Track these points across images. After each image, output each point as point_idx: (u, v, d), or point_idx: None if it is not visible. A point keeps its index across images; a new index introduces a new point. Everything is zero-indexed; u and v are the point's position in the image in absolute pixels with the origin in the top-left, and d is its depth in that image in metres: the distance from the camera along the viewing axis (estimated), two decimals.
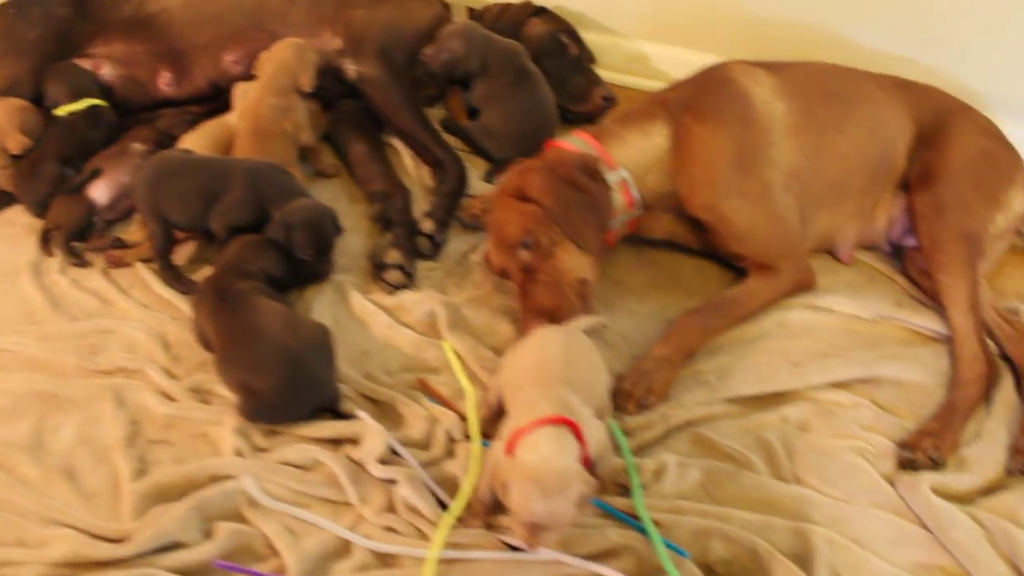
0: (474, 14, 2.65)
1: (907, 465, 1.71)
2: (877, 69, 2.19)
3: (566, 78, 2.50)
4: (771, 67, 2.11)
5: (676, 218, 2.09)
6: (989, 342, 1.89)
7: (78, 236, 2.08)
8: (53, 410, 1.75)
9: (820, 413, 1.81)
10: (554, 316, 1.80)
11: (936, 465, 1.70)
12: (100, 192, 2.12)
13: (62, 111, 2.25)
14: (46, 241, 2.09)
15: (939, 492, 1.65)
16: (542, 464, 1.42)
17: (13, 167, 2.19)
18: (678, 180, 2.01)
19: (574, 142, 2.02)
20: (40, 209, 2.13)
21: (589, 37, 2.66)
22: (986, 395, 1.83)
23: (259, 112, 2.19)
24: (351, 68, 2.36)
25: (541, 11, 2.62)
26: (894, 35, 2.42)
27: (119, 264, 2.04)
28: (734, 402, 1.83)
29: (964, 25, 2.35)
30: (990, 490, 1.69)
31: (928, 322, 1.99)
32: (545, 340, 1.71)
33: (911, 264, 2.10)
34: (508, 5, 2.64)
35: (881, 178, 2.09)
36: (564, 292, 1.86)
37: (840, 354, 1.91)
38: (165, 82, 2.41)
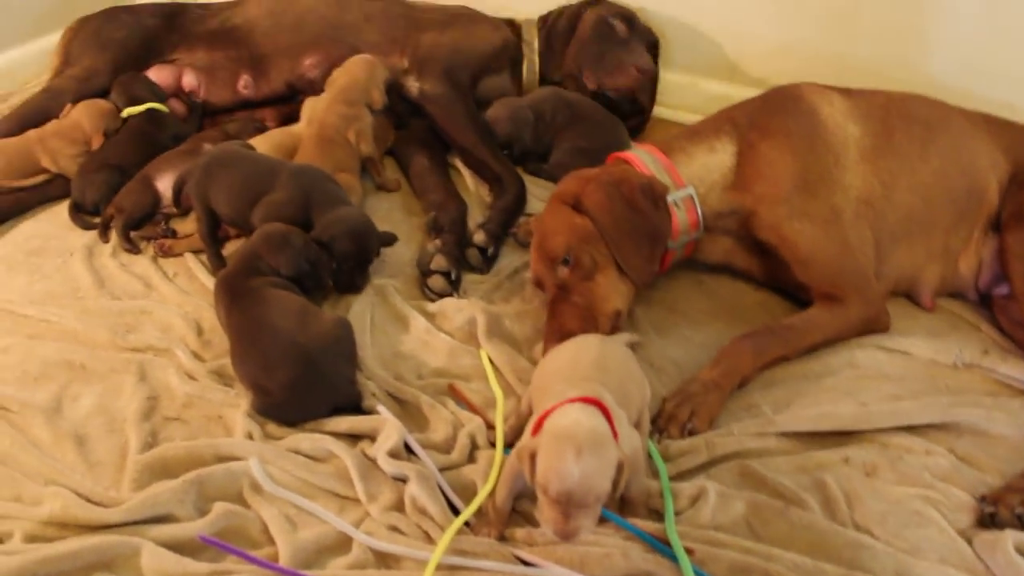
0: (540, 22, 2.65)
1: (988, 522, 1.50)
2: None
3: (605, 55, 2.47)
4: (847, 91, 2.00)
5: (737, 242, 1.97)
6: None
7: (137, 224, 2.12)
8: (77, 379, 1.75)
9: (888, 458, 1.61)
10: None
11: (1023, 525, 1.48)
12: (166, 185, 2.15)
13: (125, 113, 2.35)
14: (105, 226, 2.13)
15: None
16: (573, 425, 1.27)
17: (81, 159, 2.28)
18: (741, 199, 1.90)
19: (641, 155, 1.93)
20: (89, 205, 2.19)
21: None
22: None
23: (326, 120, 2.22)
24: (414, 85, 2.40)
25: (597, 2, 2.61)
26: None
27: (168, 253, 2.07)
28: (789, 437, 1.66)
29: None
30: None
31: (1019, 373, 1.78)
32: (580, 345, 1.59)
33: (1001, 314, 1.91)
34: (568, 5, 2.64)
35: (969, 215, 1.93)
36: (594, 320, 1.74)
37: (915, 398, 1.72)
38: (243, 84, 2.51)
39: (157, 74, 2.49)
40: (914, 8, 2.37)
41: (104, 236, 2.13)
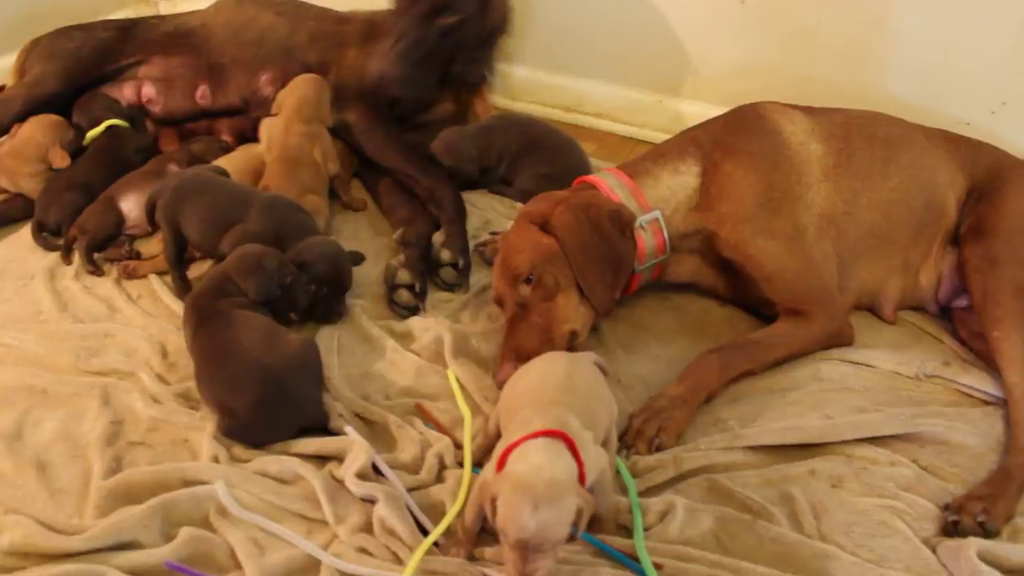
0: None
1: (952, 530, 1.52)
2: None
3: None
4: (809, 109, 2.03)
5: (702, 261, 1.98)
6: None
7: (101, 245, 2.09)
8: (39, 405, 1.73)
9: (854, 469, 1.63)
10: None
11: (986, 533, 1.50)
12: (130, 206, 2.13)
13: (88, 138, 2.33)
14: (68, 247, 2.11)
15: (988, 562, 1.44)
16: (532, 472, 1.29)
17: (43, 179, 2.24)
18: (706, 219, 1.92)
19: (608, 179, 1.94)
20: (52, 225, 2.17)
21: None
22: None
23: (288, 141, 2.21)
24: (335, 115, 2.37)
25: None
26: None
27: (133, 275, 2.05)
28: (756, 451, 1.67)
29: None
30: None
31: (979, 383, 1.80)
32: (548, 365, 1.59)
33: (962, 326, 1.93)
34: None
35: (928, 230, 1.96)
36: (551, 341, 1.74)
37: (879, 409, 1.74)
38: (201, 94, 2.49)
39: (117, 91, 2.47)
40: (871, 29, 2.42)
41: (67, 258, 2.10)
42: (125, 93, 2.48)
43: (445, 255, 2.07)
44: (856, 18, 2.42)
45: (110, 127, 2.34)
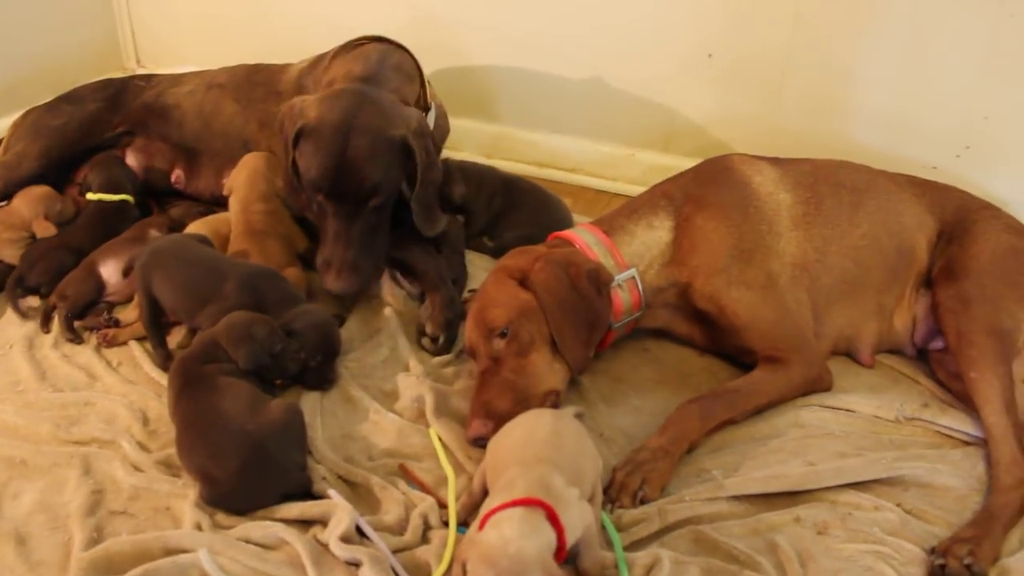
0: None
1: (938, 573, 1.52)
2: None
3: None
4: (775, 160, 2.07)
5: (675, 312, 2.00)
6: None
7: (80, 312, 2.08)
8: (18, 476, 1.70)
9: (838, 516, 1.62)
10: (502, 422, 1.65)
11: (973, 575, 1.50)
12: (110, 272, 2.13)
13: (93, 197, 2.34)
14: (47, 315, 2.10)
15: None
16: (499, 544, 1.30)
17: (26, 245, 2.25)
18: (679, 272, 1.94)
19: (584, 236, 1.96)
20: (32, 283, 2.17)
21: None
22: None
23: (249, 219, 2.19)
24: None
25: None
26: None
27: (112, 342, 2.04)
28: (740, 500, 1.67)
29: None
30: None
31: (958, 424, 1.82)
32: (533, 421, 1.60)
33: (939, 367, 1.96)
34: None
35: (900, 274, 1.99)
36: (526, 401, 1.73)
37: (860, 454, 1.75)
38: (176, 178, 2.53)
39: None
40: (835, 79, 2.49)
41: (45, 326, 2.09)
42: None
43: (428, 328, 2.07)
44: (820, 69, 2.49)
45: (123, 202, 2.36)
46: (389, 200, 2.08)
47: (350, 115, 1.99)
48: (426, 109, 2.30)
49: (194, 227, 2.22)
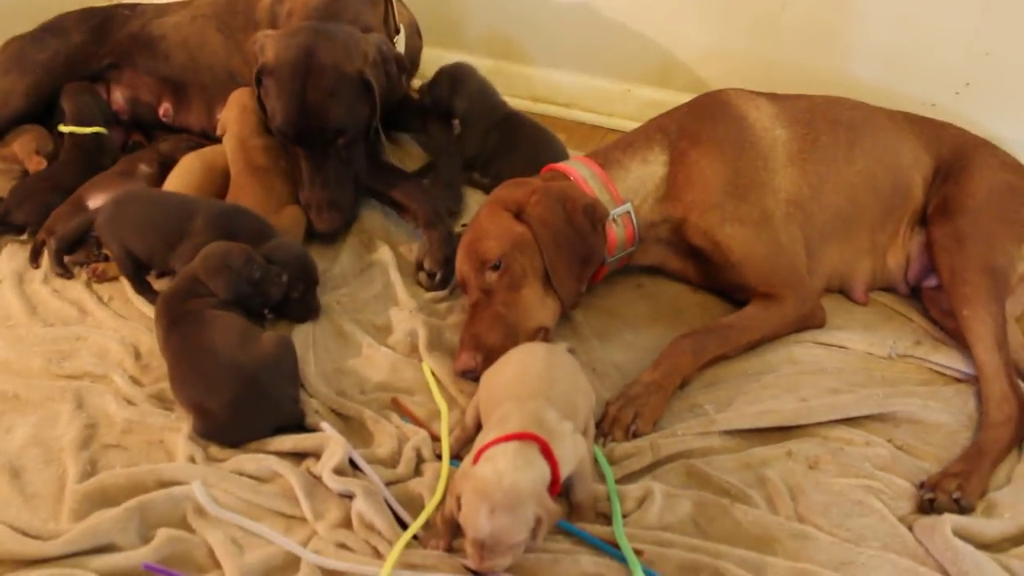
0: None
1: (927, 507, 1.54)
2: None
3: None
4: (772, 95, 2.04)
5: (669, 247, 1.99)
6: (1021, 383, 1.72)
7: (70, 248, 2.06)
8: (11, 410, 1.71)
9: (829, 451, 1.64)
10: (491, 356, 1.65)
11: (961, 509, 1.52)
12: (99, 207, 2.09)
13: (65, 129, 2.31)
14: (36, 251, 2.08)
15: (964, 538, 1.46)
16: (493, 478, 1.31)
17: (14, 178, 2.24)
18: (674, 208, 1.92)
19: (580, 169, 1.93)
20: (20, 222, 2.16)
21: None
22: (1018, 438, 1.65)
23: (248, 155, 2.13)
24: None
25: None
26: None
27: (102, 277, 2.02)
28: (733, 435, 1.68)
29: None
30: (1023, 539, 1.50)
31: (951, 361, 1.83)
32: (527, 356, 1.61)
33: (932, 305, 1.96)
34: None
35: (895, 211, 1.98)
36: (516, 336, 1.72)
37: (853, 391, 1.76)
38: (164, 112, 2.49)
39: None
40: (835, 12, 2.44)
41: (35, 262, 2.07)
42: None
43: (427, 263, 2.05)
44: (820, 1, 2.43)
45: (97, 135, 2.32)
46: (358, 135, 2.08)
47: (306, 55, 1.99)
48: (396, 31, 2.28)
49: (188, 160, 2.18)
